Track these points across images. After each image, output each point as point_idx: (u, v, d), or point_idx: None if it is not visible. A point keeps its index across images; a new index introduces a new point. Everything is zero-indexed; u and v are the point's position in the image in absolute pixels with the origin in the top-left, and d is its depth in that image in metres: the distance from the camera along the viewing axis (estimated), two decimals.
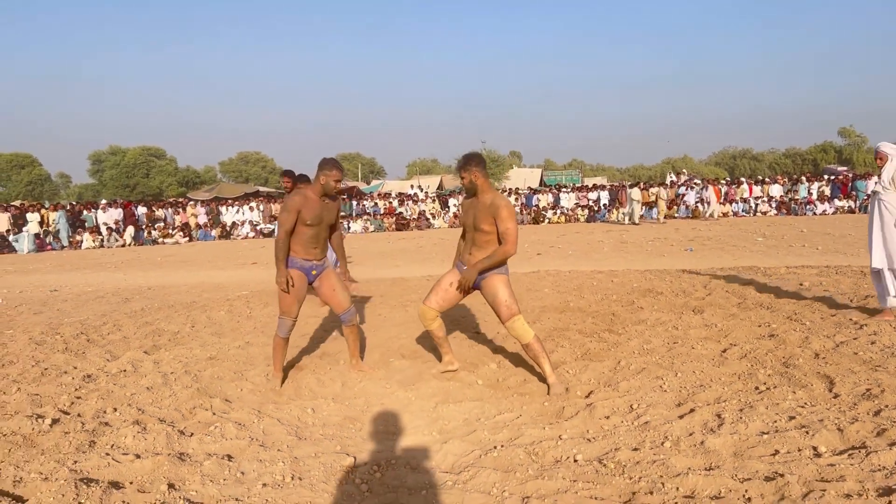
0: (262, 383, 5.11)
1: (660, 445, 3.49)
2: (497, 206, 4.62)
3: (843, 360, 4.89)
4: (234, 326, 7.43)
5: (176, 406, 4.58)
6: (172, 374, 5.37)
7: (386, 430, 4.05)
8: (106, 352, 6.29)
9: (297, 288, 4.93)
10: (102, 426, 4.19)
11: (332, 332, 6.93)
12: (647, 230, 22.07)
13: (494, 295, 4.68)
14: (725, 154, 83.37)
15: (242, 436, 3.93)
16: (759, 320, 6.47)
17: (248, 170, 73.38)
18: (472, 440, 3.71)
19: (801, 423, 3.68)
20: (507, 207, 4.63)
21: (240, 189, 42.66)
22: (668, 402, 4.22)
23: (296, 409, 4.43)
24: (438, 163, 74.97)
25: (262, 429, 4.07)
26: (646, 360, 5.19)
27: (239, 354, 5.99)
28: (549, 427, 3.82)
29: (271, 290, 10.44)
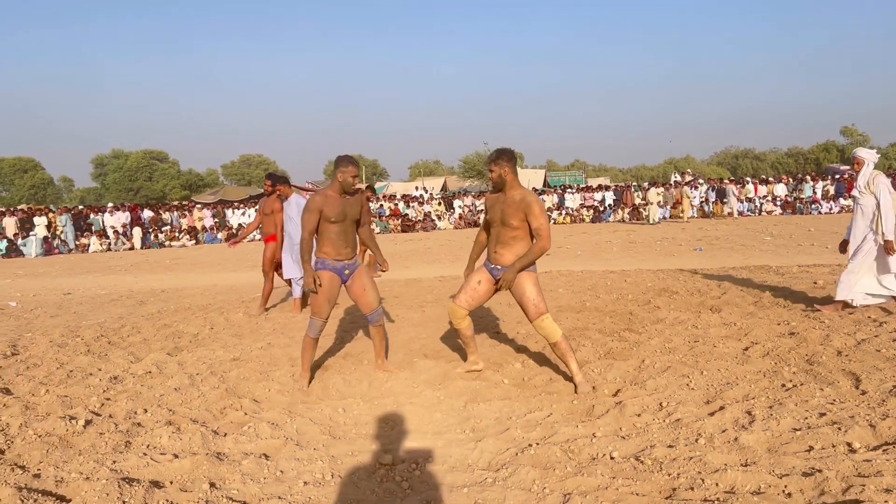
0: (289, 384, 5.14)
1: (694, 442, 3.52)
2: (528, 203, 4.63)
3: (866, 358, 4.92)
4: (252, 328, 7.47)
5: (206, 406, 4.62)
6: (198, 375, 5.40)
7: (418, 428, 4.08)
8: (129, 354, 6.33)
9: (327, 289, 4.94)
10: (135, 427, 4.23)
11: (354, 332, 6.96)
12: (655, 230, 22.10)
13: (522, 293, 4.69)
14: (727, 154, 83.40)
15: (277, 435, 3.96)
16: (777, 318, 6.50)
17: (250, 172, 73.54)
18: (506, 438, 3.74)
19: (832, 420, 3.71)
20: (538, 203, 4.64)
21: (244, 192, 42.72)
22: (697, 399, 4.25)
23: (326, 408, 4.47)
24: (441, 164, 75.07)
25: (295, 428, 4.10)
26: (670, 359, 5.22)
27: (262, 355, 6.03)
28: (582, 425, 3.85)
29: (284, 291, 10.48)
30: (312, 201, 4.91)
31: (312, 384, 5.12)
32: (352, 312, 8.12)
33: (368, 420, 4.26)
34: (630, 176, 73.74)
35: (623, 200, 31.29)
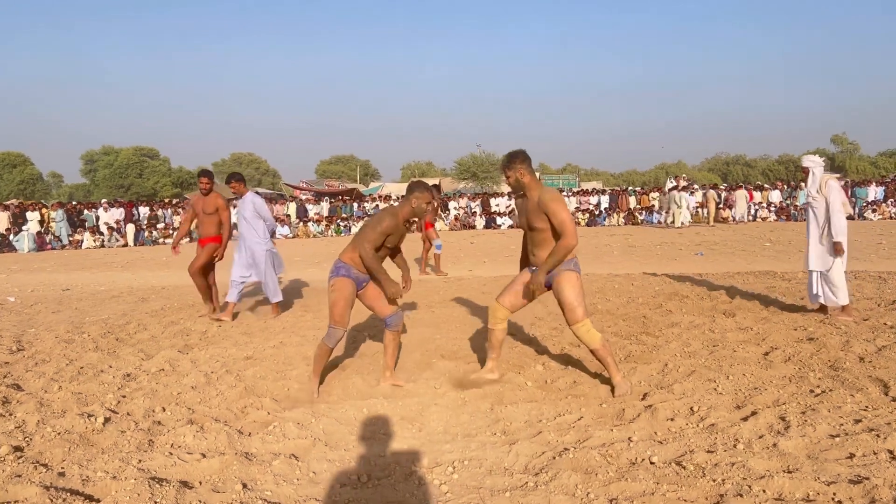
0: (308, 383, 5.06)
1: (733, 448, 3.47)
2: (545, 202, 4.52)
3: (891, 365, 4.89)
4: (262, 326, 7.38)
5: (226, 405, 4.53)
6: (213, 374, 5.31)
7: (446, 430, 4.01)
8: (138, 350, 6.23)
9: (349, 297, 4.75)
10: (156, 425, 4.14)
11: (364, 332, 6.88)
12: (652, 234, 22.11)
13: (560, 295, 4.60)
14: (718, 160, 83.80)
15: (304, 435, 3.88)
16: (792, 324, 6.47)
17: (240, 171, 73.21)
18: (540, 441, 3.67)
19: (869, 427, 3.67)
20: (554, 200, 4.52)
21: None
22: (727, 404, 4.20)
23: (350, 409, 4.38)
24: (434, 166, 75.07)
25: (321, 428, 4.02)
26: (692, 363, 5.17)
27: (276, 354, 5.94)
28: (617, 429, 3.79)
29: (287, 290, 10.39)
30: (386, 224, 4.68)
31: (333, 384, 5.04)
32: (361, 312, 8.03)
33: (395, 421, 4.18)
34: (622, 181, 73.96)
35: (618, 204, 31.35)
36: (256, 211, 7.95)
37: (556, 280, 4.62)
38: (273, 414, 4.33)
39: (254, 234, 7.96)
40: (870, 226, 23.34)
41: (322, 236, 28.99)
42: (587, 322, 4.62)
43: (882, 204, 28.15)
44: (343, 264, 4.78)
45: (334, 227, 29.78)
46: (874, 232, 19.61)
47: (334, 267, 4.79)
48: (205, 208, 7.95)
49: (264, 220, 8.03)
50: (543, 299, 4.94)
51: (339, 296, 4.72)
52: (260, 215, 7.98)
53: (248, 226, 7.93)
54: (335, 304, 4.73)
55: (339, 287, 4.72)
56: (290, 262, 16.68)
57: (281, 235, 28.67)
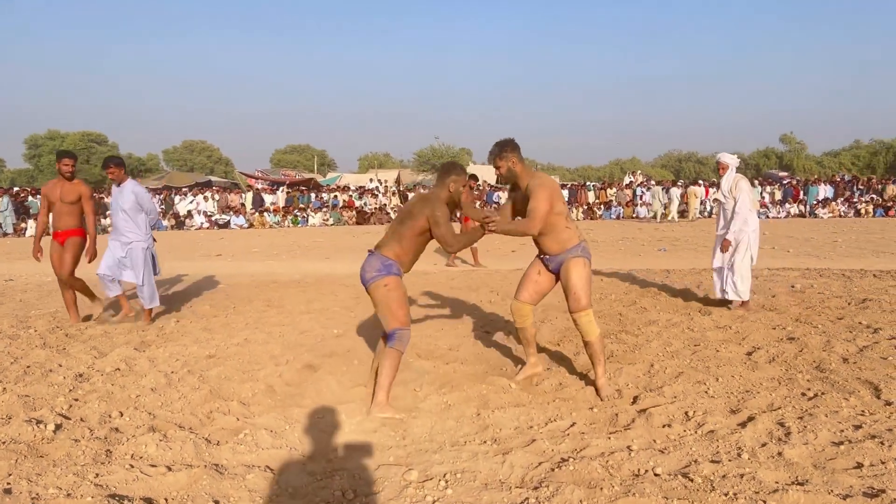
0: (277, 385, 4.75)
1: (737, 457, 3.30)
2: (531, 187, 4.36)
3: (875, 366, 4.81)
4: (224, 322, 7.00)
5: (190, 410, 4.20)
6: (174, 374, 4.96)
7: (433, 438, 3.76)
8: (91, 348, 5.82)
9: (405, 292, 4.37)
10: (114, 433, 3.79)
11: (331, 329, 6.56)
12: (612, 230, 22.19)
13: (567, 281, 4.46)
14: (671, 157, 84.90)
15: (279, 444, 3.59)
16: (769, 322, 6.39)
17: (192, 159, 71.53)
18: (535, 451, 3.44)
19: (871, 433, 3.54)
20: (540, 187, 4.33)
21: (190, 178, 41.44)
22: (721, 408, 4.05)
23: (328, 414, 4.10)
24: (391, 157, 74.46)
25: (297, 437, 3.73)
26: (678, 364, 5.02)
27: (240, 352, 5.60)
28: (614, 437, 3.59)
29: (248, 283, 10.00)
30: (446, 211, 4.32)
31: (305, 387, 4.73)
32: (328, 308, 7.72)
33: (376, 427, 3.91)
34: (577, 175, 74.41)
35: (577, 199, 31.45)
36: (138, 202, 6.96)
37: (565, 265, 4.50)
38: (243, 420, 4.02)
39: (133, 229, 6.95)
40: (822, 224, 23.83)
41: (279, 227, 28.37)
42: (590, 312, 4.48)
43: (832, 202, 28.81)
44: (392, 261, 4.31)
45: (291, 218, 29.18)
46: (828, 230, 19.99)
47: (381, 264, 4.27)
48: (63, 196, 6.99)
49: (146, 213, 7.06)
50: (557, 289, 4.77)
51: (399, 294, 4.29)
52: (142, 207, 6.99)
53: (126, 219, 6.92)
54: (398, 303, 4.27)
55: (396, 285, 4.27)
56: (248, 253, 16.23)
57: (236, 226, 28.01)
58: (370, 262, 4.31)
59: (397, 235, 4.34)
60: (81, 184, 7.07)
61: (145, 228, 7.05)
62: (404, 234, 4.31)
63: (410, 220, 4.31)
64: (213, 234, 24.89)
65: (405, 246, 4.32)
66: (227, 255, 15.82)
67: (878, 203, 28.24)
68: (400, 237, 4.32)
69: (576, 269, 4.45)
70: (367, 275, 4.29)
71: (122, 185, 7.01)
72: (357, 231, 24.43)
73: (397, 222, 4.40)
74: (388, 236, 4.39)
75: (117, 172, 6.95)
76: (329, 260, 14.31)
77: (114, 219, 7.04)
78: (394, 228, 4.39)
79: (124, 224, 6.95)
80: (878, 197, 29.08)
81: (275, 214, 29.54)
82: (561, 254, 4.51)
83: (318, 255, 15.33)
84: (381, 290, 4.24)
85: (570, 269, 4.46)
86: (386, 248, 4.34)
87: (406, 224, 4.31)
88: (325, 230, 25.70)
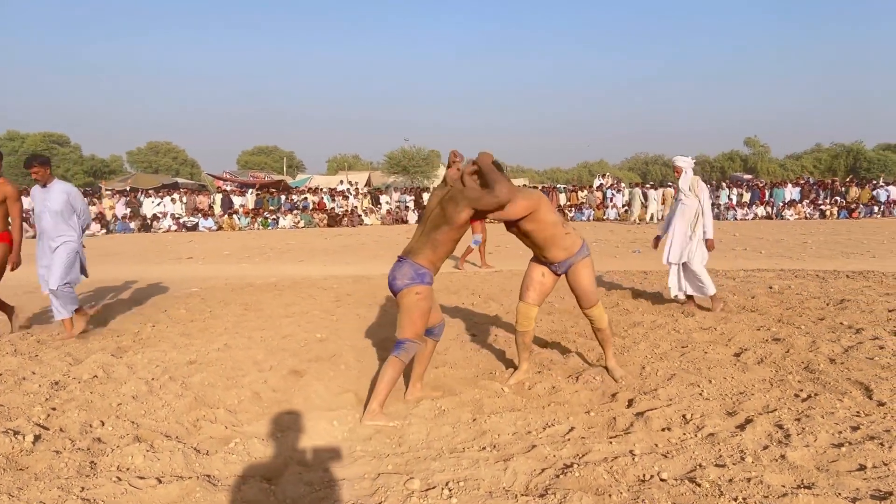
0: (263, 391, 4.62)
1: (741, 461, 3.26)
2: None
3: (863, 366, 4.83)
4: (201, 326, 6.82)
5: (175, 418, 4.06)
6: (155, 381, 4.80)
7: (429, 445, 3.67)
8: (65, 354, 5.63)
9: (431, 306, 4.29)
10: (97, 443, 3.64)
11: (313, 333, 6.43)
12: (585, 231, 22.29)
13: (579, 282, 4.66)
14: (638, 159, 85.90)
15: (272, 453, 3.47)
16: (752, 323, 6.41)
17: (158, 160, 70.46)
18: (537, 457, 3.37)
19: (869, 435, 3.54)
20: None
21: (156, 180, 40.82)
22: (718, 411, 4.02)
23: (319, 421, 3.99)
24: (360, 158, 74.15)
25: (290, 444, 3.61)
26: (669, 366, 5.00)
27: (222, 358, 5.44)
28: (616, 441, 3.53)
29: (223, 287, 9.80)
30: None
31: (292, 393, 4.61)
32: (308, 312, 7.58)
33: (370, 434, 3.81)
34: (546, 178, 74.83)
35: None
36: (70, 202, 6.52)
37: (574, 268, 4.65)
38: (231, 428, 3.89)
39: (65, 231, 6.50)
40: (790, 225, 24.22)
41: (248, 229, 28.00)
42: (601, 305, 4.82)
43: (798, 204, 29.31)
44: (426, 270, 4.19)
45: (261, 220, 28.82)
46: (796, 231, 20.30)
47: (415, 272, 4.16)
48: None
49: (78, 215, 6.62)
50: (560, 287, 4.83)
51: (427, 306, 4.20)
52: (74, 208, 6.56)
53: (56, 221, 6.45)
54: (421, 314, 4.17)
55: (427, 295, 4.18)
56: (220, 256, 15.96)
57: (205, 228, 27.58)
58: (402, 270, 4.19)
59: (432, 243, 4.19)
60: (7, 183, 6.41)
61: (78, 230, 6.61)
62: (440, 241, 4.18)
63: (447, 225, 4.16)
64: (181, 236, 24.45)
65: (440, 253, 4.22)
66: (199, 257, 15.53)
67: (842, 205, 28.80)
68: (435, 244, 4.19)
69: (585, 270, 4.66)
70: (398, 282, 4.18)
71: (48, 185, 6.51)
72: (329, 233, 24.19)
73: (431, 228, 4.22)
74: (421, 243, 4.23)
75: (42, 172, 6.42)
76: (303, 263, 14.12)
77: (40, 223, 6.53)
78: (427, 235, 4.23)
79: (53, 227, 6.46)
80: (842, 199, 29.66)
81: (244, 216, 29.15)
82: (570, 258, 4.63)
83: (292, 258, 15.12)
84: (412, 297, 4.14)
85: (580, 271, 4.65)
86: (419, 256, 4.20)
87: (441, 230, 4.17)
88: (297, 232, 25.41)
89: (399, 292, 4.19)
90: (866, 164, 61.35)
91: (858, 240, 16.67)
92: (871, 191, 29.59)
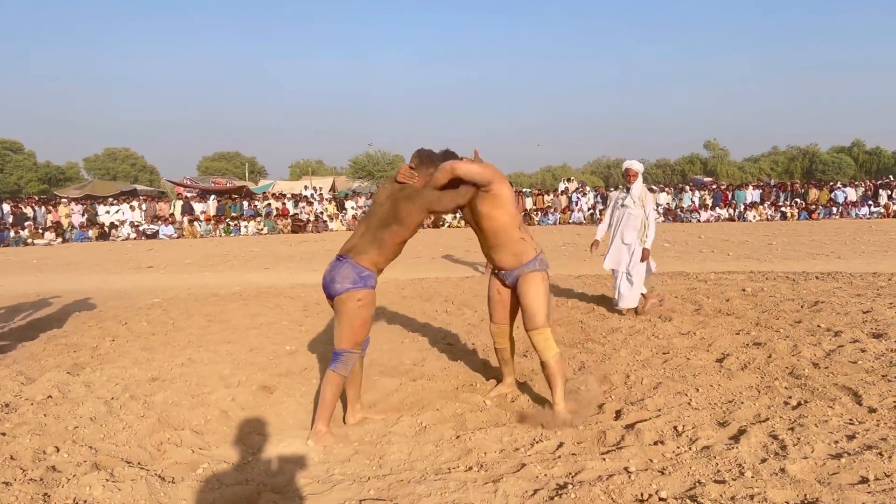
0: (231, 409, 4.36)
1: (740, 475, 3.12)
2: None
3: (847, 370, 4.76)
4: (164, 340, 6.50)
5: (137, 441, 3.78)
6: (115, 401, 4.49)
7: (412, 466, 3.45)
8: (16, 373, 5.28)
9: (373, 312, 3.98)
10: (51, 472, 3.35)
11: (282, 345, 6.17)
12: (552, 235, 22.26)
13: (523, 297, 4.15)
14: (600, 163, 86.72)
15: (244, 479, 3.22)
16: (731, 328, 6.33)
17: (115, 167, 68.84)
18: (527, 477, 3.18)
19: (866, 444, 3.43)
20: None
21: (115, 187, 39.82)
22: (709, 421, 3.89)
23: (294, 441, 3.75)
24: (324, 164, 73.55)
25: (262, 469, 3.37)
26: (653, 374, 4.87)
27: (186, 374, 5.15)
28: (609, 458, 3.36)
29: (186, 297, 9.45)
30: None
31: (263, 411, 4.35)
32: (276, 323, 7.31)
33: (349, 455, 3.59)
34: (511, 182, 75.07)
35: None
36: None
37: (521, 280, 4.18)
38: (198, 452, 3.63)
39: None
40: (752, 227, 24.51)
41: (210, 236, 27.42)
42: (547, 331, 4.13)
43: (759, 206, 29.73)
44: (369, 272, 3.84)
45: (223, 227, 28.24)
46: (759, 233, 20.52)
47: (357, 275, 3.78)
48: None
49: None
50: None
51: (369, 313, 3.86)
52: None
53: None
54: (363, 322, 3.83)
55: (370, 301, 3.82)
56: (182, 265, 15.50)
57: (165, 236, 26.93)
58: (341, 271, 3.79)
59: (378, 242, 3.83)
60: None
61: None
62: (387, 241, 3.84)
63: (397, 225, 3.83)
64: (140, 244, 23.81)
65: (386, 254, 3.87)
66: (159, 267, 15.07)
67: (802, 207, 29.29)
68: (381, 244, 3.84)
69: (532, 284, 4.13)
70: (336, 285, 3.77)
71: None
72: (293, 240, 23.76)
73: (378, 225, 3.85)
74: (366, 241, 3.85)
75: None
76: (269, 270, 13.77)
77: None
78: (373, 232, 3.85)
79: None
80: (802, 200, 30.17)
81: (206, 223, 28.53)
82: (517, 268, 4.20)
83: (257, 266, 14.75)
84: (353, 304, 3.76)
85: (527, 284, 4.14)
86: (362, 256, 3.82)
87: (391, 229, 3.83)
88: (260, 239, 24.95)
89: (337, 297, 3.78)
90: (821, 166, 62.81)
91: (821, 241, 16.88)
92: (830, 192, 30.15)
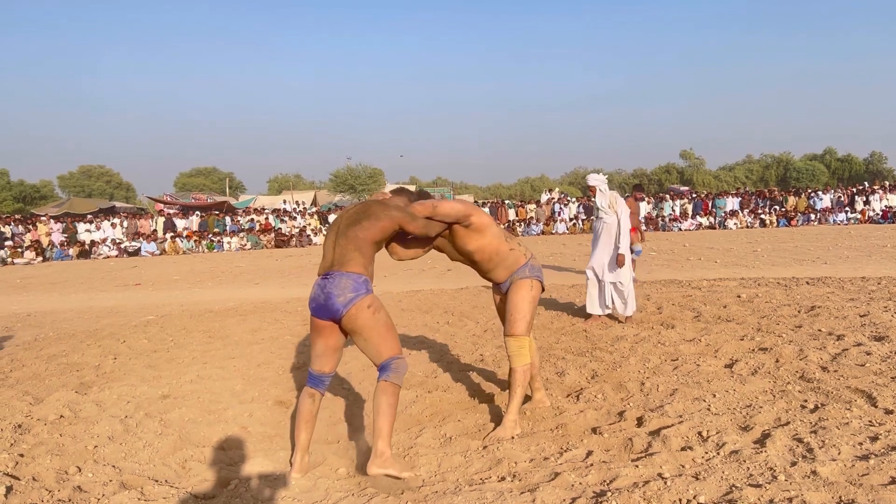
0: (251, 425, 4.32)
1: (773, 479, 3.15)
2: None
3: (857, 373, 4.82)
4: (167, 357, 6.43)
5: (161, 460, 3.74)
6: (130, 419, 4.44)
7: (444, 477, 3.45)
8: (22, 393, 5.19)
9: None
10: (78, 493, 3.30)
11: (288, 360, 6.13)
12: (538, 245, 22.36)
13: (510, 301, 4.15)
14: (578, 174, 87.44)
15: (283, 496, 3.20)
16: (734, 334, 6.39)
17: (91, 184, 68.09)
18: (563, 486, 3.19)
19: (891, 445, 3.47)
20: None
21: (92, 204, 39.39)
22: (732, 426, 3.92)
23: (320, 457, 3.72)
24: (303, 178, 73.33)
25: (298, 486, 3.34)
26: (667, 381, 4.90)
27: (198, 391, 5.11)
28: (641, 465, 3.38)
29: (180, 314, 9.36)
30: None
31: (282, 425, 4.32)
32: (278, 337, 7.26)
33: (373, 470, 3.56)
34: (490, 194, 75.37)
35: (498, 216, 31.68)
36: None
37: (511, 286, 4.20)
38: (226, 468, 3.59)
39: None
40: (734, 234, 24.83)
41: (193, 252, 27.19)
42: (523, 339, 4.10)
43: (739, 213, 30.15)
44: (366, 277, 3.55)
45: (206, 243, 28.04)
46: (742, 240, 20.79)
47: (354, 282, 3.47)
48: None
49: None
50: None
51: (386, 314, 3.60)
52: None
53: None
54: (387, 325, 3.55)
55: (380, 304, 3.57)
56: (169, 281, 15.36)
57: (147, 252, 26.66)
58: (338, 283, 3.45)
59: (353, 240, 3.56)
60: None
61: None
62: (360, 237, 3.57)
63: (367, 219, 3.61)
64: (123, 262, 23.55)
65: (366, 252, 3.58)
66: (147, 284, 14.91)
67: (781, 214, 29.74)
68: (357, 242, 3.56)
69: (520, 291, 4.14)
70: (337, 299, 3.42)
71: None
72: (278, 254, 23.65)
73: (348, 223, 3.63)
74: (345, 249, 3.55)
75: None
76: (259, 286, 13.69)
77: None
78: (344, 235, 3.59)
79: None
80: (781, 208, 30.64)
81: (188, 240, 28.31)
82: (510, 276, 4.23)
83: (246, 281, 14.66)
84: (366, 312, 3.44)
85: (515, 290, 4.15)
86: (349, 264, 3.50)
87: (361, 224, 3.59)
88: (245, 254, 24.79)
89: (344, 315, 3.45)
90: (795, 173, 63.86)
91: (804, 247, 17.13)
92: (808, 199, 30.65)
